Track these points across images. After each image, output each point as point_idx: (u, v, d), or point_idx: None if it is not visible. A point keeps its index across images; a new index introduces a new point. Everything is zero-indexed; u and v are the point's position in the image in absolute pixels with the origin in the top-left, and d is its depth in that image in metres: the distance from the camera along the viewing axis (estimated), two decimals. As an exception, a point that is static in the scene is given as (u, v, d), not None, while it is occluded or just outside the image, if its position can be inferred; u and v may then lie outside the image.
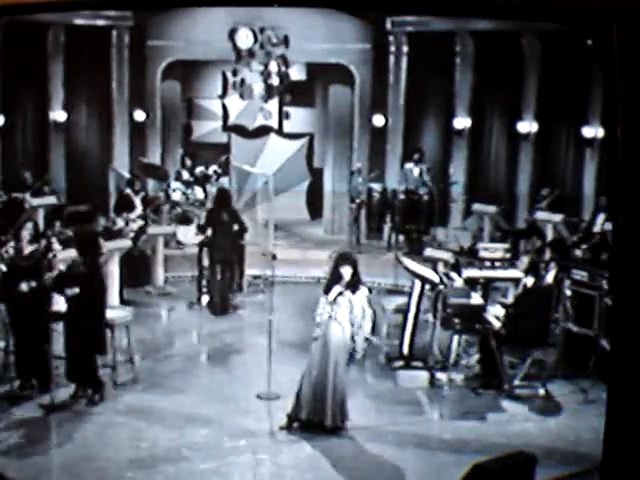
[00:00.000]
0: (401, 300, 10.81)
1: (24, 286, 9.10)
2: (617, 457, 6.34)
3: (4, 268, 9.36)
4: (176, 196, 14.76)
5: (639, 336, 6.17)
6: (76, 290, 8.93)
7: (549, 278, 9.62)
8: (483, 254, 11.36)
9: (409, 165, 15.20)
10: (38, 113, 15.17)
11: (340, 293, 8.41)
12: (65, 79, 15.11)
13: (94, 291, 9.15)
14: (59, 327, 9.22)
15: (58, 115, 15.21)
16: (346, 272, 8.41)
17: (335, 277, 8.47)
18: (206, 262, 12.55)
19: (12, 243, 9.52)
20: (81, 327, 8.98)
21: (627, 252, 6.17)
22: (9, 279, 9.27)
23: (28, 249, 9.42)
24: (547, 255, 10.12)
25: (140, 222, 13.40)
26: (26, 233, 9.49)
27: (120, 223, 13.18)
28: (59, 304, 9.16)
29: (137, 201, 13.69)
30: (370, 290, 8.72)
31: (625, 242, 6.19)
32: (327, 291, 8.48)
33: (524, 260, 10.36)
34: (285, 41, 14.73)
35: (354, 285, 8.42)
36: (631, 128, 6.06)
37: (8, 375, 9.37)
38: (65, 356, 9.12)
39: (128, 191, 13.82)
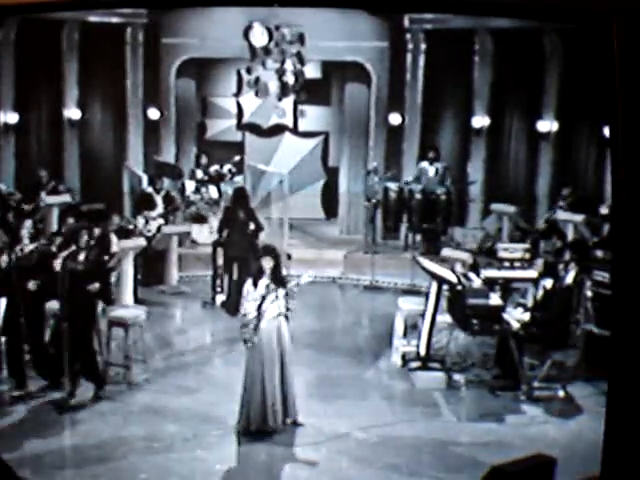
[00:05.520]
0: (418, 300, 10.69)
1: (31, 284, 9.07)
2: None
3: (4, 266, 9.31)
4: (190, 195, 14.67)
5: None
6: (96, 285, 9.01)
7: (569, 279, 9.53)
8: (502, 254, 11.22)
9: (424, 164, 15.02)
10: (52, 111, 15.04)
11: (267, 287, 8.36)
12: (79, 77, 14.96)
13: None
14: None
15: (72, 113, 15.10)
16: (267, 264, 8.39)
17: (256, 270, 8.45)
18: (220, 261, 12.47)
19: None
20: (80, 325, 8.97)
21: (627, 251, 6.16)
22: (14, 277, 9.21)
23: (28, 247, 9.40)
24: (567, 255, 9.96)
25: (160, 221, 13.36)
26: (25, 232, 9.49)
27: (140, 221, 13.12)
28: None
29: (158, 200, 13.64)
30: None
31: (625, 241, 6.17)
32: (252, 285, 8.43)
33: (539, 262, 10.26)
34: (300, 39, 14.62)
35: (281, 279, 8.47)
36: (631, 128, 6.04)
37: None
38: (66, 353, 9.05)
39: (150, 189, 13.81)
